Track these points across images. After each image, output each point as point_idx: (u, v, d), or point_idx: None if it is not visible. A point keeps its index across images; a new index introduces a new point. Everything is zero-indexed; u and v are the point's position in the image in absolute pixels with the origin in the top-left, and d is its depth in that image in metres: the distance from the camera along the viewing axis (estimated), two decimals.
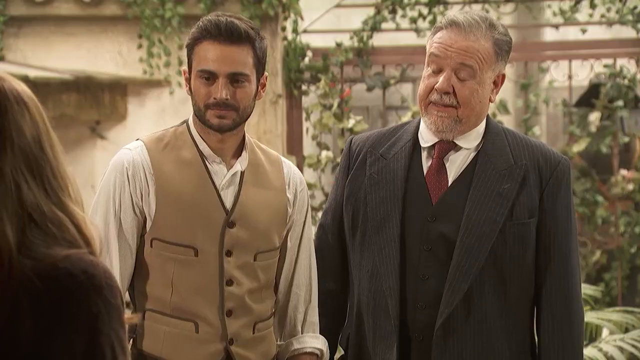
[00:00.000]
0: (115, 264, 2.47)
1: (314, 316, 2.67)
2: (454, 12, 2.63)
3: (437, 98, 2.50)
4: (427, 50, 2.54)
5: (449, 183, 2.55)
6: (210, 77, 2.45)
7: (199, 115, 2.49)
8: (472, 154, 2.57)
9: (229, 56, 2.44)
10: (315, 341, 2.65)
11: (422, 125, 2.60)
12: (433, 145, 2.57)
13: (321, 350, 2.65)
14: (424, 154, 2.59)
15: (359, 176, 2.63)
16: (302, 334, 2.65)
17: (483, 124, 2.59)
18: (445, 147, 2.56)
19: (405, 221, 2.54)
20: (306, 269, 2.65)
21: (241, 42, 2.45)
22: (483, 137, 2.57)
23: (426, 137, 2.58)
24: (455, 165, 2.56)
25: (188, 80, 2.52)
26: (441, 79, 2.49)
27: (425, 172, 2.57)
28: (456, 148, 2.57)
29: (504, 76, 2.58)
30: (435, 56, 2.50)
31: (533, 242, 2.53)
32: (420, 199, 2.55)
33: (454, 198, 2.53)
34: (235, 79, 2.45)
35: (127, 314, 1.47)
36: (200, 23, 2.48)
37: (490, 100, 2.56)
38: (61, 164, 1.48)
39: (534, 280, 2.56)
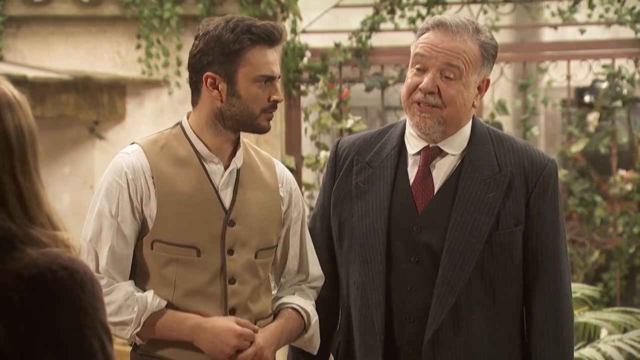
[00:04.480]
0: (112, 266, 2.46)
1: (312, 299, 2.64)
2: (441, 15, 2.61)
3: (421, 97, 2.45)
4: (411, 52, 2.51)
5: (435, 191, 2.51)
6: (267, 81, 2.47)
7: (248, 119, 2.48)
8: (458, 161, 2.52)
9: (276, 59, 2.50)
10: (303, 302, 2.61)
11: (408, 129, 2.56)
12: (419, 152, 2.54)
13: (306, 312, 2.59)
14: (410, 161, 2.55)
15: (346, 184, 2.60)
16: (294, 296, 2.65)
17: (468, 128, 2.54)
18: (431, 153, 2.52)
19: (391, 232, 2.51)
20: (314, 262, 2.65)
21: (278, 45, 2.50)
22: (468, 142, 2.53)
23: (412, 143, 2.55)
24: (441, 172, 2.52)
25: (215, 86, 2.46)
26: (426, 78, 2.45)
27: (411, 180, 2.53)
28: (442, 154, 2.53)
29: (488, 82, 2.54)
30: (421, 56, 2.47)
31: (520, 250, 2.50)
32: (406, 209, 2.51)
33: (439, 207, 2.49)
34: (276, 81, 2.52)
35: None
36: (252, 28, 2.45)
37: (474, 106, 2.52)
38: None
39: (523, 284, 2.53)
